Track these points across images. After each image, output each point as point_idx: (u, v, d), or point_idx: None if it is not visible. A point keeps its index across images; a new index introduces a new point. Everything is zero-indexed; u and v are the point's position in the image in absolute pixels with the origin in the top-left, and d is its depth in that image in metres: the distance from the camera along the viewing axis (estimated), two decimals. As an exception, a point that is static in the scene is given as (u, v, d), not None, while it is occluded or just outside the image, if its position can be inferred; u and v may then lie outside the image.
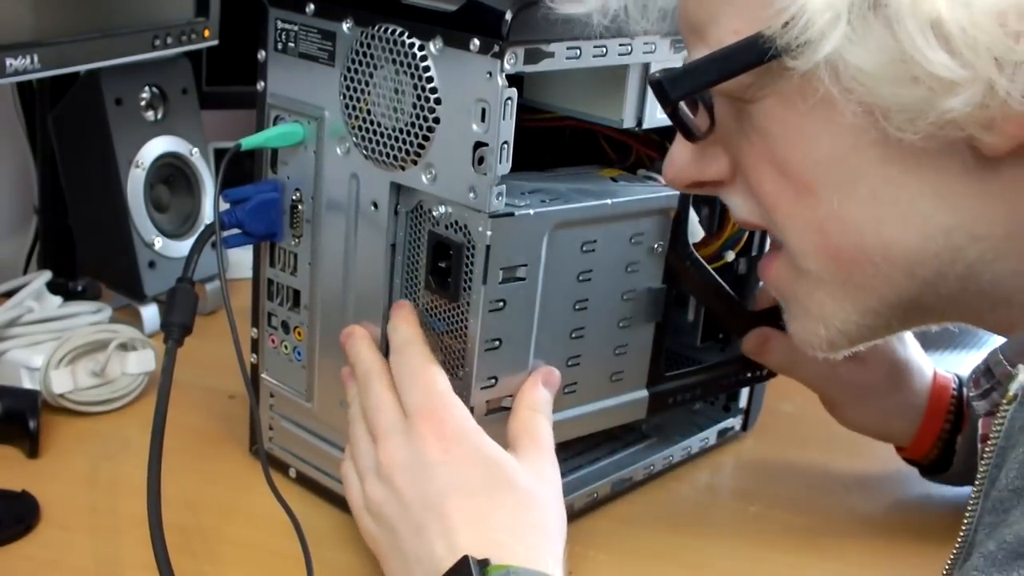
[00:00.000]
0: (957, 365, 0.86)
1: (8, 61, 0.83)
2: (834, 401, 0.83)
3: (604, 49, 0.66)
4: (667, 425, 0.88)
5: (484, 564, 0.55)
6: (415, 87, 0.64)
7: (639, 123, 0.72)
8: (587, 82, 0.72)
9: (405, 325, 0.67)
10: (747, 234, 0.83)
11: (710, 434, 0.89)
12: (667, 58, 0.70)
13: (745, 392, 0.91)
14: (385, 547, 0.62)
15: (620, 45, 0.67)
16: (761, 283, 0.84)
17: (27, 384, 0.85)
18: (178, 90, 1.04)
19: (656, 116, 0.72)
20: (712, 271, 0.78)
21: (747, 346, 0.82)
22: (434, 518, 0.59)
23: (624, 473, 0.81)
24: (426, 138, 0.64)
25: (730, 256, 0.83)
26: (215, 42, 1.06)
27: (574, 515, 0.78)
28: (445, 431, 0.61)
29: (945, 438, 0.81)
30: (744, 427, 0.92)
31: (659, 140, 0.77)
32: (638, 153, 0.80)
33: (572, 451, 0.83)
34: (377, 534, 0.63)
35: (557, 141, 0.83)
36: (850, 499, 0.85)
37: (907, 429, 0.81)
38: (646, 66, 0.70)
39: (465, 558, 0.55)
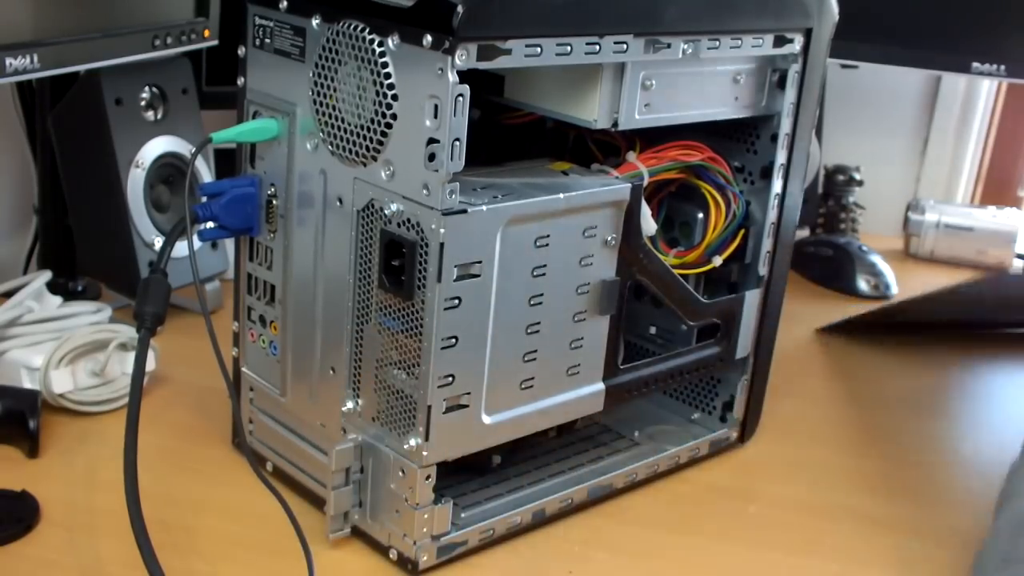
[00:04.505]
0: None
1: (8, 61, 0.83)
2: None
3: (569, 47, 0.65)
4: (659, 435, 0.87)
5: None
6: (375, 83, 0.64)
7: (615, 124, 0.71)
8: (562, 81, 0.71)
9: None
10: (736, 240, 0.82)
11: (701, 444, 0.87)
12: (641, 58, 0.69)
13: (741, 403, 0.88)
14: None
15: (587, 44, 0.66)
16: None
17: (27, 384, 0.84)
18: (178, 90, 1.04)
19: (635, 117, 0.72)
20: (664, 262, 0.77)
21: None
22: None
23: (627, 470, 0.81)
24: (384, 134, 0.64)
25: (717, 261, 0.81)
26: (215, 42, 1.06)
27: (572, 511, 0.78)
28: None
29: None
30: (741, 439, 0.90)
31: (632, 136, 0.77)
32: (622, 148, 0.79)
33: (573, 450, 0.83)
34: None
35: (547, 139, 0.83)
36: (850, 498, 0.84)
37: None
38: (620, 65, 0.69)
39: None
